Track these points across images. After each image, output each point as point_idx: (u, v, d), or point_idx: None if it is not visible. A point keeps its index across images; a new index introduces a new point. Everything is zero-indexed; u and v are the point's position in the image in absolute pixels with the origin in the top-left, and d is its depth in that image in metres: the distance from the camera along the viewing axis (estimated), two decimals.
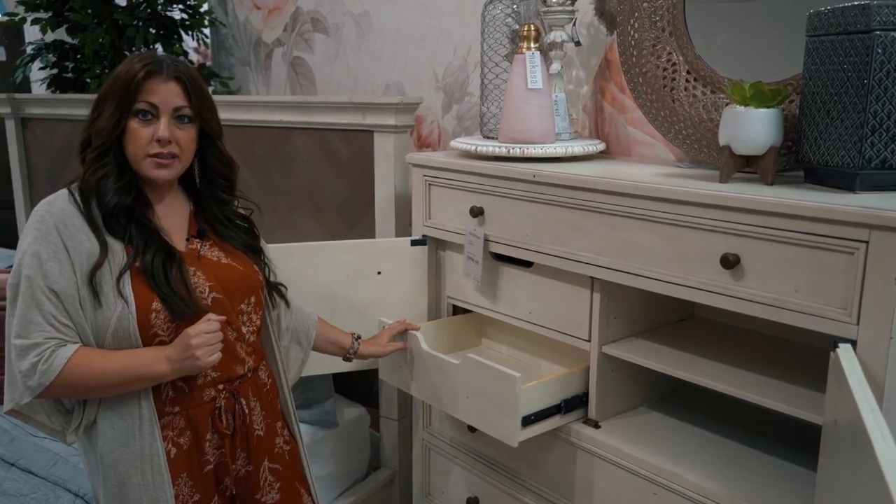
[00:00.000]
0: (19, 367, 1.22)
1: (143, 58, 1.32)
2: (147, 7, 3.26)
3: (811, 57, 1.33)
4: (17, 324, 1.23)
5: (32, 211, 1.29)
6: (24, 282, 1.23)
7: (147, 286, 1.28)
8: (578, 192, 1.53)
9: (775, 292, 1.24)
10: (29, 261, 1.24)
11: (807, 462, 1.42)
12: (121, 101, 1.30)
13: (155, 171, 1.33)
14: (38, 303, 1.22)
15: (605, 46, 1.96)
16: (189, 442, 1.35)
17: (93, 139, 1.32)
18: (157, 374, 1.27)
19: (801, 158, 1.37)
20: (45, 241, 1.24)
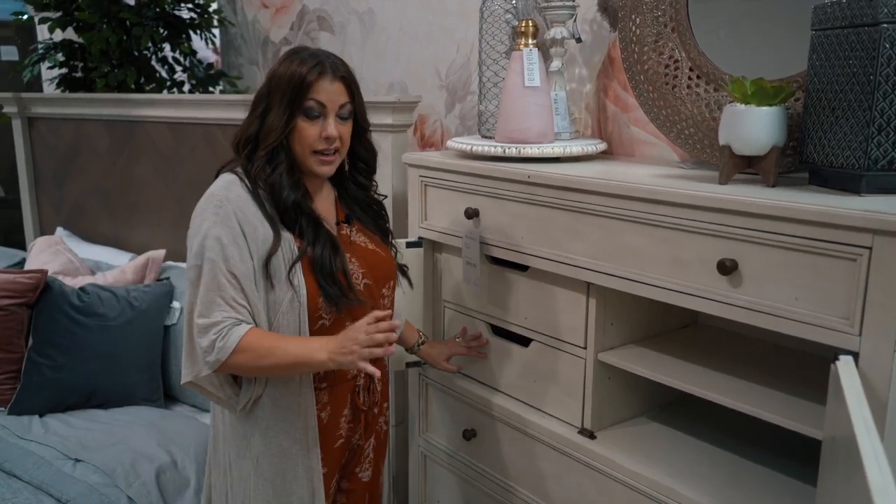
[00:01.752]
0: (200, 343, 1.30)
1: (308, 58, 1.37)
2: (155, 6, 3.24)
3: (816, 52, 1.26)
4: (201, 303, 1.30)
5: (206, 194, 1.35)
6: (206, 264, 1.30)
7: (314, 276, 1.36)
8: (573, 193, 1.47)
9: (774, 300, 1.17)
10: (211, 244, 1.30)
11: (808, 477, 1.35)
12: (291, 101, 1.35)
13: (320, 167, 1.41)
14: (219, 285, 1.29)
15: (608, 43, 1.90)
16: (328, 416, 1.44)
17: (262, 137, 1.38)
18: (316, 361, 1.33)
19: (806, 159, 1.30)
20: (225, 225, 1.31)
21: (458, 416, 1.88)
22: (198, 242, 1.32)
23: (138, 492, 1.63)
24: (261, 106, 1.39)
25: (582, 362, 1.56)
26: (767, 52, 1.51)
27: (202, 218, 1.33)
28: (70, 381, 2.01)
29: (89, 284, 2.15)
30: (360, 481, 1.56)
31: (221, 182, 1.38)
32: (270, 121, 1.36)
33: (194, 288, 1.32)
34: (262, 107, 1.39)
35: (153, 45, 3.25)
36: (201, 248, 1.31)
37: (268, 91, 1.38)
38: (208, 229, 1.31)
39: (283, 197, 1.37)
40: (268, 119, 1.37)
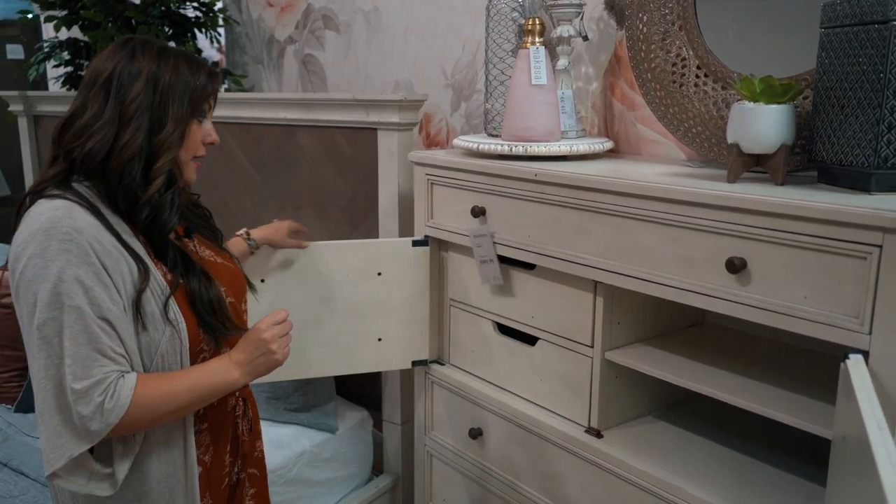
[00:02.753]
0: (79, 412, 1.07)
1: (192, 60, 1.23)
2: (160, 5, 3.25)
3: (825, 50, 1.25)
4: (72, 364, 1.07)
5: (38, 227, 1.09)
6: (68, 313, 1.07)
7: (191, 310, 1.20)
8: (581, 191, 1.47)
9: (783, 299, 1.17)
10: (70, 288, 1.07)
11: (816, 477, 1.35)
12: (191, 108, 1.20)
13: (193, 175, 1.27)
14: (91, 336, 1.08)
15: (614, 42, 1.89)
16: (211, 458, 1.28)
17: (157, 151, 1.16)
18: (228, 382, 1.19)
19: (814, 157, 1.29)
20: (83, 262, 1.08)
21: (463, 414, 1.87)
22: (48, 289, 1.07)
23: None
24: (143, 112, 1.16)
25: (589, 361, 1.56)
26: (775, 51, 1.50)
27: (44, 258, 1.08)
28: None
29: None
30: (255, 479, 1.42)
31: (56, 210, 1.11)
32: (167, 135, 1.17)
33: (52, 348, 1.07)
34: (146, 114, 1.16)
35: None
36: (56, 294, 1.07)
37: (154, 93, 1.17)
38: (61, 270, 1.07)
39: (165, 221, 1.18)
40: (162, 133, 1.16)
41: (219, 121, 2.53)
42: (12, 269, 1.13)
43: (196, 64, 1.23)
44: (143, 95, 1.16)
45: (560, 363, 1.62)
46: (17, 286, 1.12)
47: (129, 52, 1.18)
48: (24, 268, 1.09)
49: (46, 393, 1.09)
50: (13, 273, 1.13)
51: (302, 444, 1.99)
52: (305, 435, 2.02)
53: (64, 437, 1.09)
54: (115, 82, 1.16)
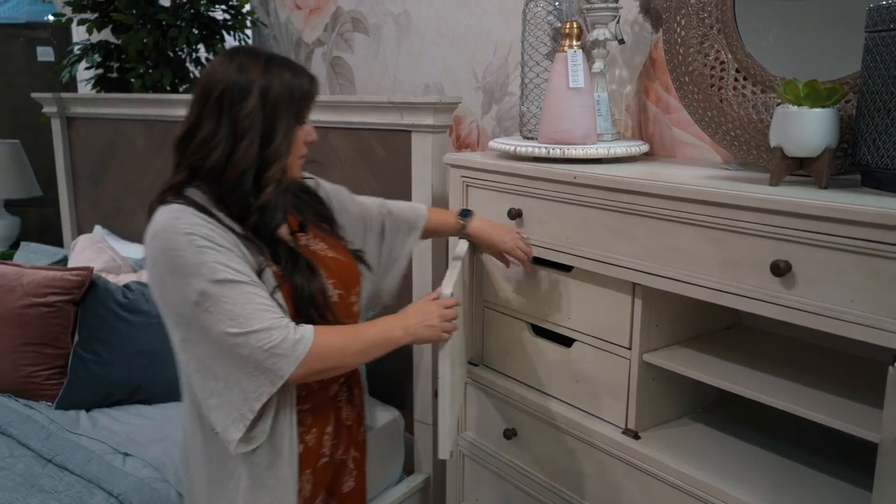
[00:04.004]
0: (266, 348, 1.17)
1: (290, 67, 1.28)
2: (190, 7, 3.29)
3: (870, 54, 1.26)
4: (244, 319, 1.16)
5: (160, 229, 1.19)
6: (221, 286, 1.16)
7: (293, 302, 1.28)
8: (621, 194, 1.48)
9: (829, 302, 1.18)
10: (212, 268, 1.17)
11: (860, 481, 1.35)
12: (298, 117, 1.28)
13: (298, 172, 1.36)
14: (250, 295, 1.18)
15: (649, 44, 1.90)
16: (313, 438, 1.37)
17: (269, 159, 1.24)
18: (393, 339, 1.33)
19: (858, 161, 1.30)
20: (210, 248, 1.18)
21: (498, 415, 1.89)
22: (190, 274, 1.17)
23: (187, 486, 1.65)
24: (256, 126, 1.22)
25: (626, 363, 1.57)
26: (814, 54, 1.50)
27: (175, 251, 1.17)
28: (115, 376, 2.04)
29: (133, 282, 2.19)
30: (343, 493, 1.49)
31: (174, 212, 1.20)
32: (277, 145, 1.24)
33: (218, 316, 1.17)
34: (258, 127, 1.23)
35: (188, 46, 3.29)
36: (199, 276, 1.16)
37: (264, 107, 1.23)
38: (196, 257, 1.17)
39: (271, 221, 1.27)
40: (273, 143, 1.24)
41: None
42: (147, 270, 1.24)
43: (298, 72, 1.29)
44: (255, 111, 1.23)
45: (597, 365, 1.63)
46: (155, 284, 1.23)
47: (238, 65, 1.24)
48: (158, 267, 1.20)
49: (221, 361, 1.19)
50: (148, 273, 1.24)
51: None
52: None
53: (252, 391, 1.19)
54: (227, 98, 1.23)
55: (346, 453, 1.47)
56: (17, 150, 3.96)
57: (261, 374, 1.20)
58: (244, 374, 1.20)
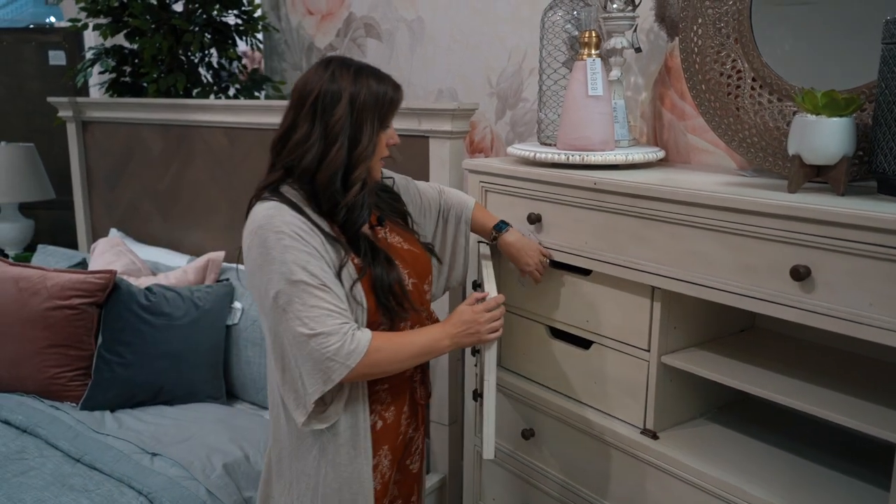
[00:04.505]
0: (324, 354, 1.29)
1: (378, 76, 1.40)
2: (203, 13, 3.32)
3: (887, 65, 1.30)
4: (309, 321, 1.29)
5: (256, 226, 1.32)
6: (295, 287, 1.29)
7: (373, 293, 1.40)
8: (641, 200, 1.51)
9: (848, 306, 1.21)
10: (291, 268, 1.30)
11: (878, 481, 1.39)
12: (381, 120, 1.40)
13: (380, 172, 1.48)
14: (319, 299, 1.30)
15: (665, 53, 1.94)
16: (392, 416, 1.50)
17: (355, 162, 1.37)
18: (440, 348, 1.44)
19: (875, 168, 1.34)
20: (296, 247, 1.31)
21: (515, 415, 1.92)
22: (274, 271, 1.30)
23: (216, 484, 1.69)
24: (345, 130, 1.35)
25: (645, 364, 1.60)
26: (830, 63, 1.54)
27: (265, 247, 1.31)
28: (139, 377, 2.08)
29: (155, 284, 2.23)
30: (411, 472, 1.62)
31: (269, 209, 1.34)
32: (363, 148, 1.37)
33: (289, 314, 1.30)
34: (346, 131, 1.35)
35: (201, 52, 3.33)
36: (280, 275, 1.30)
37: (352, 113, 1.36)
38: (280, 255, 1.30)
39: (358, 218, 1.39)
40: (360, 146, 1.36)
41: (270, 128, 2.60)
42: (247, 258, 1.37)
43: (384, 80, 1.41)
44: (344, 116, 1.35)
45: (615, 366, 1.67)
46: (249, 275, 1.36)
47: (331, 74, 1.37)
48: (251, 259, 1.34)
49: (289, 353, 1.32)
50: (248, 262, 1.37)
51: None
52: None
53: (309, 385, 1.32)
54: (320, 104, 1.36)
55: (416, 431, 1.59)
56: (32, 154, 3.99)
57: (317, 373, 1.31)
58: (305, 370, 1.32)
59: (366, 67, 1.41)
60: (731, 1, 1.62)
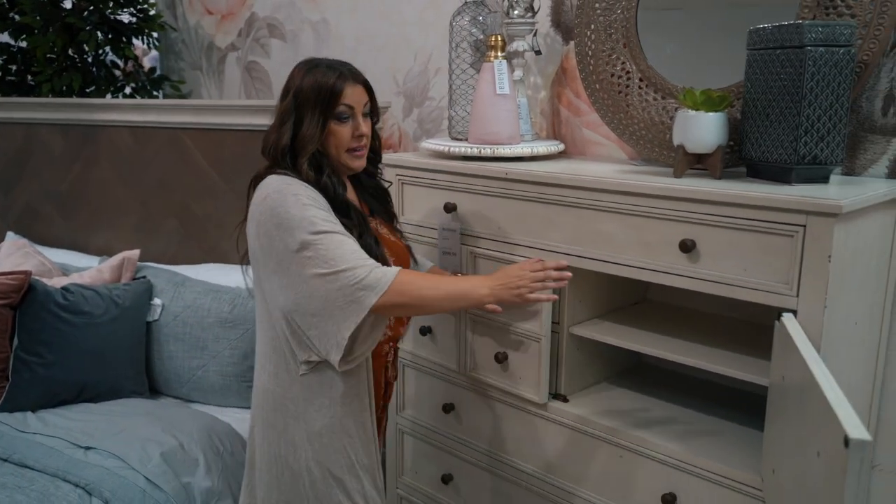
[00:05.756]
0: (357, 281, 1.40)
1: (327, 69, 1.53)
2: (95, 10, 3.26)
3: (752, 67, 1.52)
4: (339, 258, 1.40)
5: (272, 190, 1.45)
6: (317, 235, 1.41)
7: None
8: (549, 187, 1.69)
9: (727, 272, 1.43)
10: (313, 221, 1.42)
11: (756, 424, 1.61)
12: (323, 109, 1.51)
13: (355, 161, 1.58)
14: (341, 243, 1.43)
15: (560, 55, 2.13)
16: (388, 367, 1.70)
17: (299, 145, 1.51)
18: (476, 295, 1.53)
19: (744, 156, 1.57)
20: (312, 205, 1.44)
21: (435, 392, 2.06)
22: (296, 227, 1.42)
23: (154, 472, 1.73)
24: (290, 118, 1.52)
25: (556, 336, 1.78)
26: (705, 65, 1.77)
27: (284, 206, 1.43)
28: (61, 376, 2.07)
29: (72, 284, 2.22)
30: (385, 411, 1.79)
31: (282, 178, 1.49)
32: (305, 130, 1.51)
33: (316, 259, 1.41)
34: (291, 118, 1.52)
35: (96, 51, 3.27)
36: (301, 229, 1.42)
37: (295, 104, 1.52)
38: (300, 211, 1.43)
39: (338, 194, 1.53)
40: (302, 129, 1.51)
41: (181, 126, 2.63)
42: (251, 228, 1.49)
43: (325, 70, 1.53)
44: (289, 102, 1.53)
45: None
46: (261, 237, 1.47)
47: (292, 73, 1.56)
48: (265, 221, 1.45)
49: (317, 298, 1.42)
50: (253, 230, 1.49)
51: None
52: None
53: (342, 319, 1.42)
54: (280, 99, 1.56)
55: (382, 412, 1.74)
56: None
57: (349, 305, 1.42)
58: (336, 307, 1.42)
59: (322, 63, 1.55)
60: (619, 9, 1.83)
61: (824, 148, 1.43)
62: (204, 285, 2.32)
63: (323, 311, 1.43)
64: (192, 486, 1.78)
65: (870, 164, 1.63)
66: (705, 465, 1.52)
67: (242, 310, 2.19)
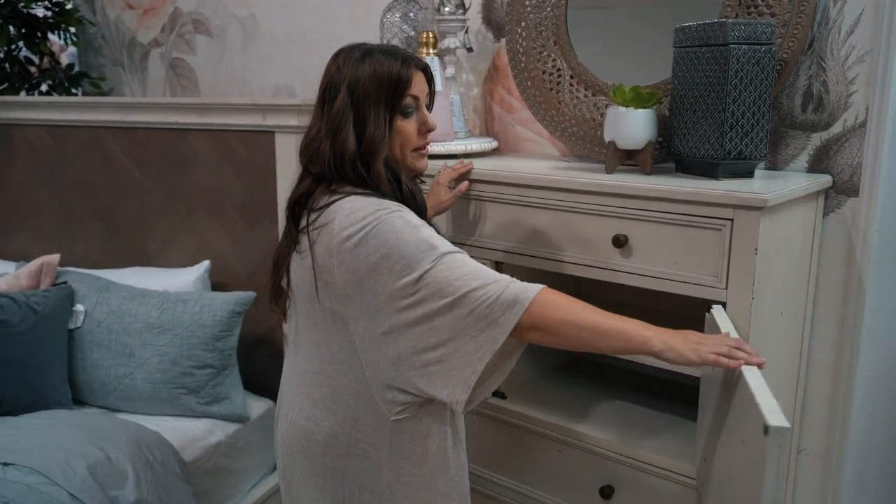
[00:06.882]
0: (485, 302, 1.14)
1: (386, 55, 1.29)
2: (7, 4, 3.11)
3: (678, 65, 1.55)
4: (455, 280, 1.15)
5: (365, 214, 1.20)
6: (443, 258, 1.17)
7: None
8: (484, 185, 1.69)
9: (658, 265, 1.45)
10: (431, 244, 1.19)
11: (689, 414, 1.65)
12: (389, 103, 1.28)
13: (420, 162, 1.36)
14: (466, 259, 1.20)
15: (492, 52, 2.14)
16: None
17: (367, 150, 1.26)
18: (640, 339, 1.17)
19: (673, 151, 1.60)
20: (417, 227, 1.21)
21: None
22: (411, 252, 1.18)
23: (79, 487, 1.65)
24: (347, 118, 1.26)
25: None
26: (633, 63, 1.80)
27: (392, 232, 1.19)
28: None
29: None
30: None
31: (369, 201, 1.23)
32: (373, 130, 1.26)
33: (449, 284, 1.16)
34: (349, 118, 1.26)
35: (8, 46, 3.12)
36: (420, 253, 1.18)
37: (353, 100, 1.27)
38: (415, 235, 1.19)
39: (421, 203, 1.32)
40: (368, 130, 1.26)
41: (103, 125, 2.52)
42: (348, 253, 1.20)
43: (390, 60, 1.28)
44: (344, 98, 1.26)
45: None
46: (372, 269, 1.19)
47: (337, 65, 1.31)
48: (364, 245, 1.19)
49: (439, 332, 1.17)
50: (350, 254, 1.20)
51: (217, 436, 2.07)
52: (219, 427, 2.10)
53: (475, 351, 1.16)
54: (327, 98, 1.30)
55: None
56: None
57: (482, 332, 1.16)
58: (466, 337, 1.17)
59: (374, 49, 1.31)
60: (549, 7, 1.84)
61: (749, 143, 1.47)
62: (130, 290, 2.23)
63: (448, 344, 1.17)
64: (120, 499, 1.71)
65: (791, 159, 1.68)
66: (642, 457, 1.54)
67: (171, 314, 2.11)
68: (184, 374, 2.08)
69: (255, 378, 2.36)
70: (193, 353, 2.09)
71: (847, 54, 1.59)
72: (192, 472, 1.96)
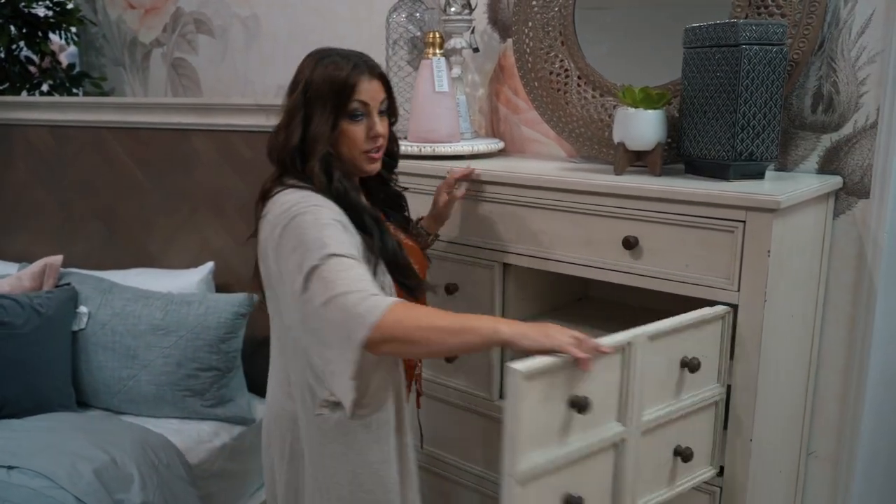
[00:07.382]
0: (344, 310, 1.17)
1: (342, 60, 1.35)
2: (7, 4, 3.10)
3: (689, 66, 1.54)
4: (335, 283, 1.18)
5: (286, 208, 1.27)
6: (328, 260, 1.20)
7: (391, 274, 1.36)
8: (491, 186, 1.68)
9: (670, 267, 1.44)
10: (326, 243, 1.22)
11: None
12: (335, 106, 1.34)
13: (370, 164, 1.41)
14: (348, 269, 1.21)
15: (498, 53, 2.12)
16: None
17: (309, 146, 1.34)
18: (487, 330, 1.18)
19: (682, 152, 1.59)
20: (329, 224, 1.26)
21: None
22: (311, 248, 1.23)
23: (85, 491, 1.64)
24: (298, 115, 1.35)
25: None
26: (642, 63, 1.79)
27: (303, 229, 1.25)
28: None
29: None
30: None
31: (298, 192, 1.31)
32: (315, 129, 1.33)
33: (322, 282, 1.20)
34: (299, 116, 1.35)
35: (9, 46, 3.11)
36: (317, 251, 1.22)
37: (305, 99, 1.34)
38: (318, 233, 1.24)
39: (352, 200, 1.35)
40: (311, 127, 1.34)
41: (104, 126, 2.51)
42: (274, 242, 1.28)
43: (339, 61, 1.35)
44: (298, 97, 1.36)
45: None
46: (282, 258, 1.26)
47: (301, 65, 1.40)
48: (283, 245, 1.26)
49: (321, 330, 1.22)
50: (275, 244, 1.28)
51: (222, 438, 2.07)
52: (224, 429, 2.09)
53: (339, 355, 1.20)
54: (288, 95, 1.39)
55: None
56: None
57: (342, 341, 1.19)
58: (333, 339, 1.21)
59: (335, 53, 1.37)
60: (556, 7, 1.83)
61: (760, 144, 1.46)
62: (133, 291, 2.22)
63: (330, 346, 1.23)
64: (126, 502, 1.70)
65: (801, 160, 1.67)
66: None
67: (175, 316, 2.10)
68: (188, 377, 2.07)
69: (259, 380, 2.34)
70: (198, 356, 2.08)
71: (858, 55, 1.58)
72: (198, 475, 1.95)
